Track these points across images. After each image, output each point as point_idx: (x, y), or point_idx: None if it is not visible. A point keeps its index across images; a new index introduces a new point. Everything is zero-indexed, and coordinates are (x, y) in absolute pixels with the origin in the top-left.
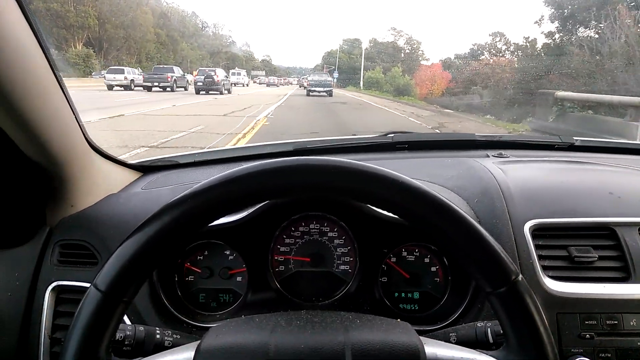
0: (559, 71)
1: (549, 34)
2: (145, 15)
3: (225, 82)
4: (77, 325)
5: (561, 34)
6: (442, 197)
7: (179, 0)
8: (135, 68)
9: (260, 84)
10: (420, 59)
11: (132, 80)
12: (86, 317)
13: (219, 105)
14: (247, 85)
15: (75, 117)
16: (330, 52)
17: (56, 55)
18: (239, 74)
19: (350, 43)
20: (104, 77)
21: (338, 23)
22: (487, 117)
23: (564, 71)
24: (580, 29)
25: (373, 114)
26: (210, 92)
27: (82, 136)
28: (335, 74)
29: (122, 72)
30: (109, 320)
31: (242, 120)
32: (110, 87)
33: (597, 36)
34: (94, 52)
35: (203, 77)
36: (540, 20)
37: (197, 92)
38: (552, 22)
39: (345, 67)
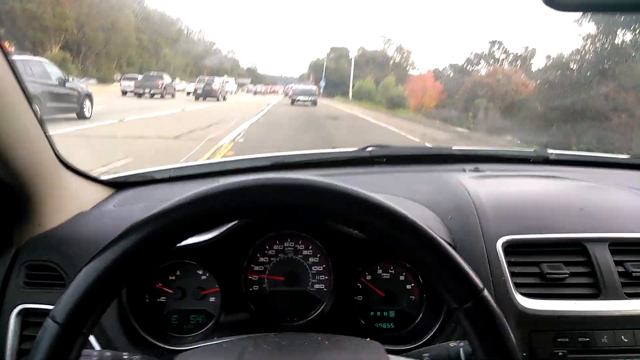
0: (616, 81)
1: (589, 37)
2: (127, 18)
3: (222, 89)
4: (37, 356)
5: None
6: (403, 212)
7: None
8: (116, 74)
9: (247, 92)
10: (409, 68)
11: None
12: (44, 350)
13: (188, 118)
14: (235, 92)
15: (44, 131)
16: (317, 61)
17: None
18: (227, 82)
19: (337, 51)
20: (120, 83)
21: (325, 31)
22: (513, 139)
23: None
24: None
25: (377, 134)
26: (208, 98)
27: (52, 151)
28: (322, 83)
29: (135, 79)
30: (68, 353)
31: (197, 146)
32: (124, 93)
33: None
34: (71, 56)
35: (202, 85)
36: (580, 20)
37: (197, 98)
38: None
39: (333, 77)
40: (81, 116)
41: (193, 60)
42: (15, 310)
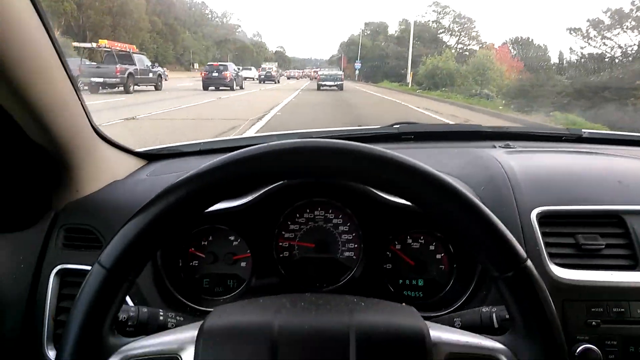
0: None
1: None
2: (137, 0)
3: (236, 78)
4: (81, 301)
5: None
6: (450, 181)
7: None
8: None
9: (289, 77)
10: (473, 42)
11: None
12: (90, 293)
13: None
14: (278, 81)
15: (82, 103)
16: (350, 40)
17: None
18: (270, 68)
19: (373, 27)
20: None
21: (357, 5)
22: None
23: None
24: None
25: None
26: (220, 88)
27: (88, 123)
28: (358, 65)
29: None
30: (113, 298)
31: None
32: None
33: None
34: (73, 42)
35: (209, 72)
36: None
37: (205, 88)
38: None
39: (370, 56)
40: (158, 88)
41: (215, 44)
42: (55, 270)
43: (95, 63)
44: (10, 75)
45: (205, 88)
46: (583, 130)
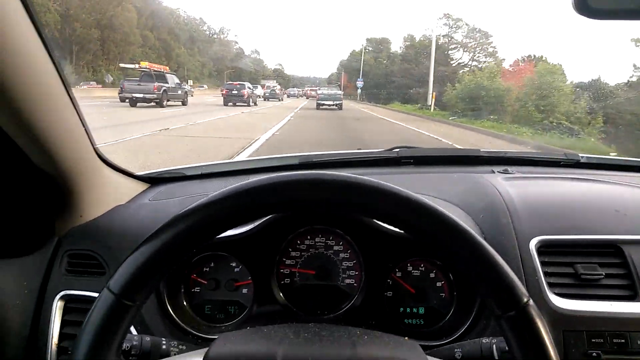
0: None
1: None
2: (128, 13)
3: (252, 95)
4: (89, 325)
5: None
6: (455, 219)
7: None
8: (116, 76)
9: (289, 96)
10: (490, 59)
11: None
12: (98, 318)
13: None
14: (282, 99)
15: (85, 128)
16: (350, 57)
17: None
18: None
19: (375, 43)
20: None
21: (358, 21)
22: None
23: None
24: None
25: None
26: (237, 104)
27: (91, 147)
28: (360, 83)
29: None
30: (120, 324)
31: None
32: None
33: None
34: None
35: (229, 90)
36: None
37: (225, 104)
38: None
39: (372, 74)
40: (184, 103)
41: (212, 62)
42: (58, 296)
43: (136, 79)
44: (14, 102)
45: (226, 104)
46: (580, 155)
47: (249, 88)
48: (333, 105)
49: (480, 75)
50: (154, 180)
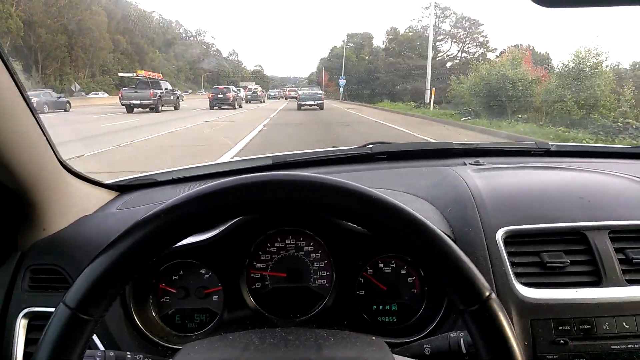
0: None
1: None
2: (97, 17)
3: (237, 98)
4: (45, 342)
5: None
6: (414, 213)
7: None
8: (85, 83)
9: (269, 97)
10: (481, 49)
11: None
12: (54, 334)
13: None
14: (264, 101)
15: (46, 137)
16: (330, 55)
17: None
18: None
19: (356, 39)
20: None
21: (338, 16)
22: None
23: None
24: None
25: None
26: (222, 107)
27: (54, 156)
28: (342, 82)
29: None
30: (78, 339)
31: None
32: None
33: None
34: (21, 64)
35: (215, 94)
36: None
37: (211, 107)
38: None
39: (355, 71)
40: (177, 108)
41: (188, 65)
42: (21, 314)
43: (133, 88)
44: None
45: (212, 107)
46: (551, 143)
47: (234, 91)
48: (314, 105)
49: (501, 64)
50: (123, 188)
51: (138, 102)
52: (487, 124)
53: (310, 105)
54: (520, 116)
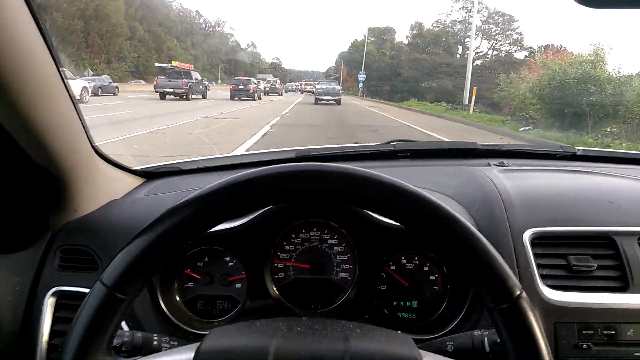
0: None
1: None
2: (116, 3)
3: (257, 90)
4: (81, 319)
5: None
6: (450, 210)
7: None
8: (101, 70)
9: (287, 90)
10: (514, 48)
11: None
12: (90, 311)
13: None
14: (282, 94)
15: (81, 122)
16: (351, 48)
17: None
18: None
19: (378, 33)
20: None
21: (359, 9)
22: None
23: None
24: None
25: None
26: (242, 98)
27: (88, 141)
28: (362, 77)
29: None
30: (112, 317)
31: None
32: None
33: None
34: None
35: (236, 85)
36: None
37: (232, 98)
38: None
39: (376, 66)
40: (204, 97)
41: (206, 55)
42: (50, 292)
43: (166, 77)
44: (11, 95)
45: (232, 98)
46: (577, 147)
47: (254, 83)
48: (331, 100)
49: (581, 60)
50: (149, 175)
51: (171, 90)
52: (562, 139)
53: (328, 100)
54: (608, 130)
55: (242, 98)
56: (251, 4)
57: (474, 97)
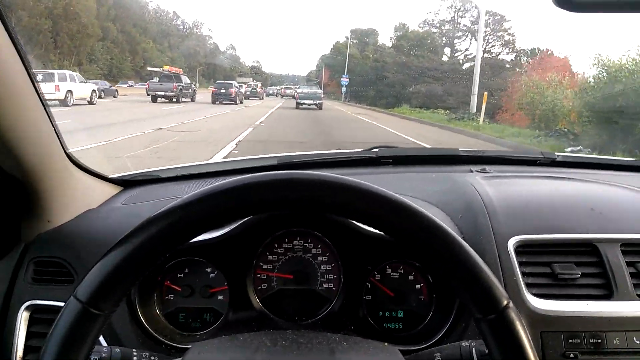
0: None
1: None
2: (86, 2)
3: (238, 94)
4: (55, 336)
5: None
6: (435, 219)
7: None
8: (73, 71)
9: (267, 95)
10: (506, 49)
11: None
12: (64, 328)
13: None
14: (262, 98)
15: (54, 129)
16: (336, 48)
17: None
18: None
19: (361, 35)
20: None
21: (341, 11)
22: None
23: None
24: None
25: None
26: (224, 102)
27: (61, 149)
28: (345, 81)
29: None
30: (88, 334)
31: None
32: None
33: None
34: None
35: (218, 89)
36: None
37: (214, 102)
38: None
39: (359, 70)
40: (193, 100)
41: (183, 58)
42: (23, 307)
43: (157, 80)
44: None
45: (214, 102)
46: (556, 153)
47: (236, 87)
48: (313, 104)
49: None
50: (127, 183)
51: (162, 93)
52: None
53: (309, 105)
54: None
55: (224, 102)
56: (230, 5)
57: (484, 105)
